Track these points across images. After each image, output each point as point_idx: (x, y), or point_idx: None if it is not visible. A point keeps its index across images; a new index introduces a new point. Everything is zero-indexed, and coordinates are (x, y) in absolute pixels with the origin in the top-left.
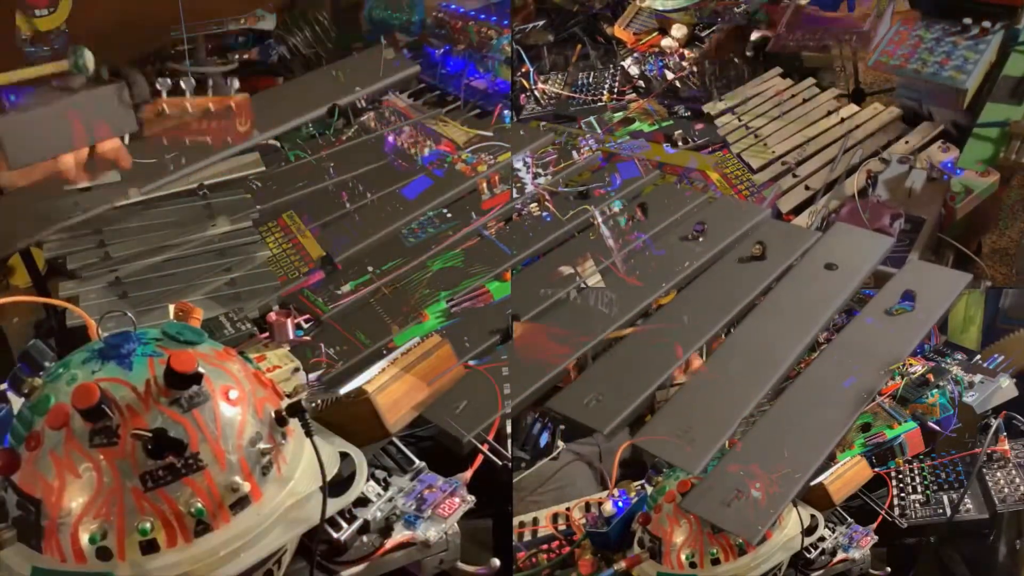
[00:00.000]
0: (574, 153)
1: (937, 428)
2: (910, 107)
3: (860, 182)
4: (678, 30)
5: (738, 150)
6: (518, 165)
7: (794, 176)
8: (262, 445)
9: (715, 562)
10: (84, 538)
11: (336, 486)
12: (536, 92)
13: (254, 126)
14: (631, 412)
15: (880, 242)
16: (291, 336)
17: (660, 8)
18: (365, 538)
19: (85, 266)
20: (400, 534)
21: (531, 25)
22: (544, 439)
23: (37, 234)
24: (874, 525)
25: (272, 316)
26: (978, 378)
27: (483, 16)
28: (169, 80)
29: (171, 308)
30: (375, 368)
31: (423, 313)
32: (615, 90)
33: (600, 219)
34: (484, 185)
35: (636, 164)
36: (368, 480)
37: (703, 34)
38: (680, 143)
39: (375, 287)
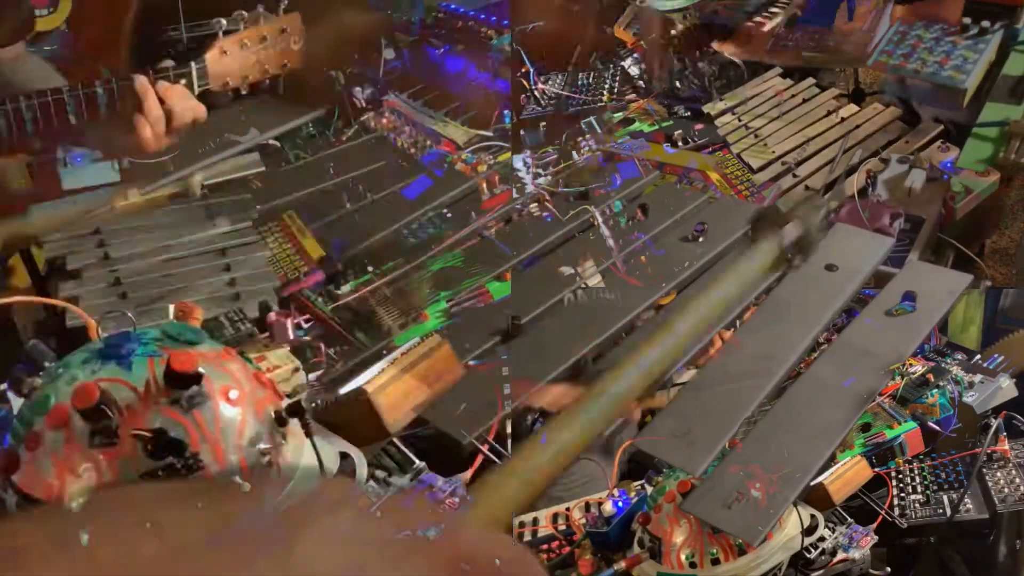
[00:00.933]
0: (574, 153)
1: (937, 428)
2: (900, 105)
3: (860, 182)
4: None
5: (738, 150)
6: (518, 165)
7: (794, 176)
8: (262, 445)
9: (715, 562)
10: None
11: None
12: (536, 92)
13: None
14: None
15: (880, 242)
16: (291, 336)
17: (660, 8)
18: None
19: (85, 266)
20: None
21: (531, 25)
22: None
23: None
24: (874, 525)
25: (272, 316)
26: (978, 378)
27: (483, 16)
28: (223, 20)
29: (171, 308)
30: (375, 368)
31: (423, 313)
32: (615, 90)
33: (600, 219)
34: (484, 185)
35: (636, 164)
36: (368, 480)
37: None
38: (680, 143)
39: (375, 287)
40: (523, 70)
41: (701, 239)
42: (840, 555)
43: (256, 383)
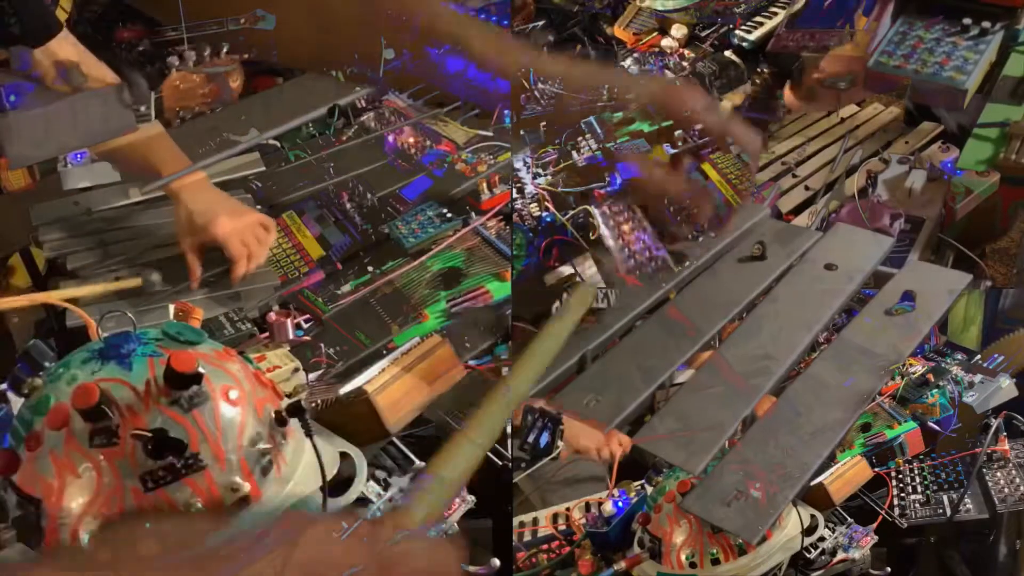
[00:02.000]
0: (574, 153)
1: (937, 428)
2: (916, 108)
3: (860, 182)
4: (678, 30)
5: (738, 150)
6: (518, 165)
7: (794, 176)
8: (262, 445)
9: (715, 562)
10: (84, 538)
11: (336, 486)
12: (536, 92)
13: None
14: (630, 413)
15: (880, 242)
16: (291, 336)
17: (660, 8)
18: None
19: (85, 266)
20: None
21: (531, 25)
22: (544, 439)
23: (37, 234)
24: (874, 525)
25: (272, 316)
26: (978, 378)
27: (483, 16)
28: (176, 59)
29: (171, 308)
30: (375, 368)
31: (423, 313)
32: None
33: (600, 219)
34: (484, 185)
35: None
36: (368, 480)
37: (703, 33)
38: (680, 143)
39: (375, 287)
40: (523, 70)
41: (701, 239)
42: (840, 555)
43: (256, 383)
